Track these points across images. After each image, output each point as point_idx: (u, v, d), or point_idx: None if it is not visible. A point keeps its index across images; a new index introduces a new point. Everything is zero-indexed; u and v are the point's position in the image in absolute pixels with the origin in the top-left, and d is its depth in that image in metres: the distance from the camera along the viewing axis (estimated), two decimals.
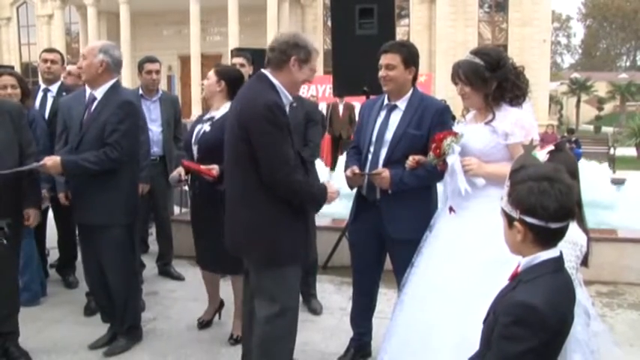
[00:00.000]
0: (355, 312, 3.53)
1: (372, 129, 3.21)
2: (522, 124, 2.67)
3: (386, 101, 3.24)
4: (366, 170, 3.18)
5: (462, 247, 2.62)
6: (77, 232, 4.13)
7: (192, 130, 3.75)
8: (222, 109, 3.63)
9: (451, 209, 2.83)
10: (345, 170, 3.27)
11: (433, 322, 2.59)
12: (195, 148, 3.64)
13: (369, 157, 3.20)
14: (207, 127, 3.62)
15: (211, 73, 3.71)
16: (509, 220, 1.72)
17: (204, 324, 4.02)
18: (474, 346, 1.85)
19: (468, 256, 2.56)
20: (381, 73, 3.15)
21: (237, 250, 2.85)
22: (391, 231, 3.13)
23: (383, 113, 3.22)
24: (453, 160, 2.71)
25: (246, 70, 4.29)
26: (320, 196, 2.77)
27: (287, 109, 2.73)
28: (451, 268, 2.62)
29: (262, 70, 2.76)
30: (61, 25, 27.80)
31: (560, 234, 1.70)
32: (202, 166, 3.48)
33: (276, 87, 2.69)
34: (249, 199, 2.67)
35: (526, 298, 1.61)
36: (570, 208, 1.66)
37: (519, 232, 1.69)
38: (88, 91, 4.18)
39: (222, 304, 4.08)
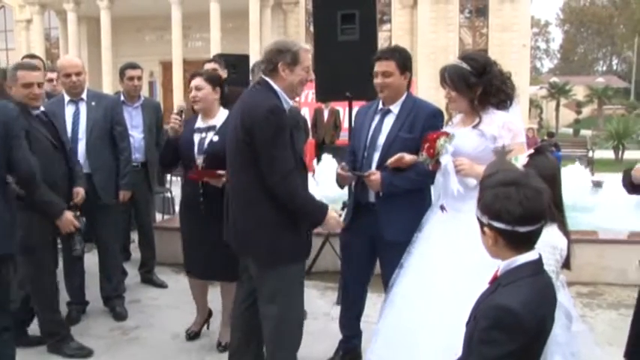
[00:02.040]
0: (344, 315, 3.54)
1: (367, 133, 3.25)
2: (509, 127, 2.71)
3: (380, 106, 3.27)
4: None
5: (453, 249, 2.64)
6: None
7: (188, 140, 3.62)
8: (220, 115, 3.62)
9: (442, 208, 2.86)
10: (337, 169, 3.31)
11: (422, 324, 2.60)
12: (201, 158, 3.56)
13: (364, 161, 3.24)
14: (213, 136, 3.56)
15: (202, 83, 3.58)
16: (481, 226, 1.75)
17: (192, 335, 3.93)
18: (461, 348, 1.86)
19: (459, 258, 2.58)
20: (378, 80, 3.17)
21: (243, 250, 2.89)
22: (386, 233, 3.14)
23: (377, 118, 3.25)
24: (446, 160, 2.74)
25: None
26: (315, 211, 2.79)
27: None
28: (442, 270, 2.64)
29: (263, 76, 2.82)
30: (40, 31, 27.48)
31: (532, 237, 1.71)
32: (213, 172, 3.44)
33: (277, 92, 2.76)
34: (254, 201, 2.73)
35: (504, 302, 1.62)
36: (538, 212, 1.68)
37: (489, 237, 1.72)
38: (67, 98, 4.17)
39: (210, 313, 4.01)
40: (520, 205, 1.65)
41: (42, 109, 3.59)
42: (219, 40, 23.96)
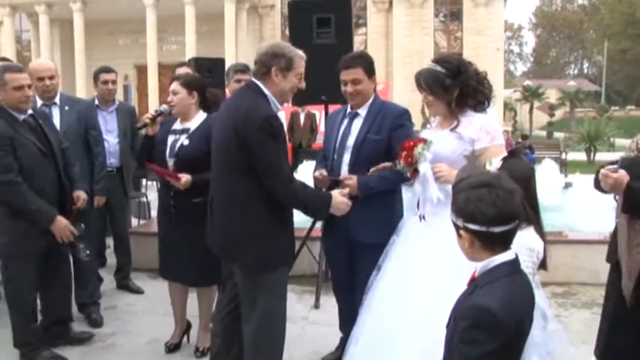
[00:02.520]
0: (342, 316, 3.56)
1: (336, 136, 3.30)
2: (487, 129, 2.69)
3: (349, 110, 3.32)
4: (335, 175, 3.23)
5: (431, 252, 2.63)
6: None
7: (163, 140, 3.60)
8: (196, 119, 3.59)
9: (422, 217, 2.82)
10: (314, 173, 3.33)
11: (401, 327, 2.59)
12: (171, 161, 3.53)
13: (334, 163, 3.28)
14: (184, 140, 3.53)
15: (178, 87, 3.55)
16: (457, 230, 1.77)
17: (172, 347, 3.81)
18: (438, 349, 1.87)
19: (437, 261, 2.57)
20: (348, 88, 3.19)
21: (229, 257, 2.87)
22: (359, 235, 3.17)
23: (345, 121, 3.30)
24: (425, 168, 2.70)
25: None
26: (320, 204, 2.84)
27: None
28: (420, 273, 2.63)
29: (254, 80, 2.79)
30: (10, 33, 27.03)
31: (508, 237, 1.73)
32: (170, 171, 3.44)
33: (267, 96, 2.73)
34: (241, 206, 2.70)
35: (482, 302, 1.64)
36: (511, 212, 1.70)
37: (465, 239, 1.74)
38: (40, 102, 4.10)
39: (189, 325, 3.91)
40: (493, 205, 1.67)
41: (30, 112, 3.53)
42: (194, 43, 23.85)
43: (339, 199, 2.85)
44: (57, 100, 4.17)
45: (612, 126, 22.52)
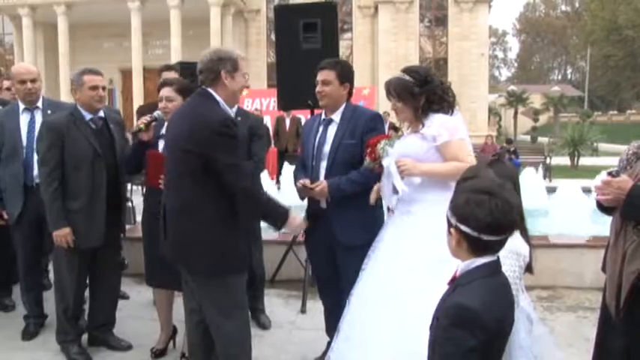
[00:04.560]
0: (328, 320, 3.56)
1: (313, 143, 3.38)
2: (447, 125, 2.84)
3: (323, 116, 3.41)
4: (309, 181, 3.28)
5: (403, 248, 2.75)
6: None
7: (153, 146, 3.60)
8: None
9: (389, 209, 3.00)
10: (295, 182, 3.39)
11: (373, 318, 2.70)
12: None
13: (312, 170, 3.35)
14: None
15: (173, 94, 3.52)
16: (449, 226, 1.78)
17: (158, 353, 3.78)
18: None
19: (409, 256, 2.68)
20: (318, 88, 3.34)
21: (182, 260, 2.87)
22: (340, 237, 3.23)
23: (321, 128, 3.39)
24: (388, 162, 2.89)
25: None
26: (279, 213, 2.88)
27: None
28: (393, 268, 2.73)
29: (204, 87, 2.83)
30: None
31: (495, 246, 1.75)
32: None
33: (219, 102, 2.80)
34: (192, 212, 2.74)
35: (462, 300, 1.67)
36: (506, 225, 1.71)
37: (454, 237, 1.76)
38: (22, 106, 4.03)
39: (175, 330, 3.88)
40: (490, 214, 1.68)
41: (102, 114, 3.66)
42: (179, 47, 23.75)
43: (294, 220, 2.93)
44: (39, 104, 4.10)
45: (596, 131, 22.71)
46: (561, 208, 7.43)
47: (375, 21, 26.57)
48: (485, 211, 1.68)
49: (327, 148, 3.31)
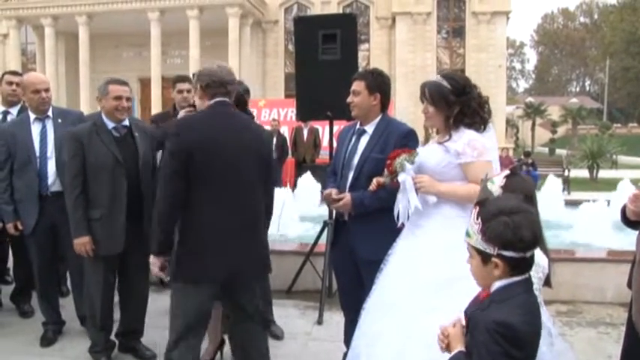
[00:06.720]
0: (347, 332, 3.51)
1: (344, 153, 3.32)
2: (475, 144, 2.72)
3: (358, 126, 3.34)
4: (341, 192, 3.26)
5: (415, 263, 2.68)
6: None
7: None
8: None
9: (400, 222, 2.92)
10: (323, 188, 3.42)
11: (379, 332, 2.65)
12: None
13: (341, 180, 3.30)
14: None
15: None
16: (485, 257, 1.75)
17: None
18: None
19: (420, 272, 2.61)
20: (349, 98, 3.27)
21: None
22: (360, 251, 3.19)
23: (354, 138, 3.32)
24: (403, 177, 2.79)
25: (192, 96, 4.17)
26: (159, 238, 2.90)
27: None
28: (403, 284, 2.68)
29: (228, 101, 2.94)
30: (16, 45, 27.23)
31: (533, 260, 1.77)
32: None
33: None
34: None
35: (503, 318, 1.65)
36: (540, 235, 1.75)
37: (497, 266, 1.72)
38: (32, 116, 4.06)
39: (223, 341, 3.70)
40: (531, 230, 1.70)
41: (126, 123, 3.70)
42: (198, 57, 24.00)
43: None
44: (49, 113, 4.10)
45: (615, 143, 22.46)
46: (581, 221, 7.35)
47: (392, 32, 26.62)
48: (528, 229, 1.68)
49: (355, 159, 3.24)
